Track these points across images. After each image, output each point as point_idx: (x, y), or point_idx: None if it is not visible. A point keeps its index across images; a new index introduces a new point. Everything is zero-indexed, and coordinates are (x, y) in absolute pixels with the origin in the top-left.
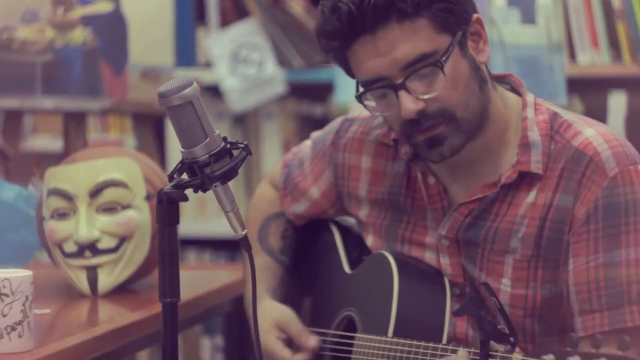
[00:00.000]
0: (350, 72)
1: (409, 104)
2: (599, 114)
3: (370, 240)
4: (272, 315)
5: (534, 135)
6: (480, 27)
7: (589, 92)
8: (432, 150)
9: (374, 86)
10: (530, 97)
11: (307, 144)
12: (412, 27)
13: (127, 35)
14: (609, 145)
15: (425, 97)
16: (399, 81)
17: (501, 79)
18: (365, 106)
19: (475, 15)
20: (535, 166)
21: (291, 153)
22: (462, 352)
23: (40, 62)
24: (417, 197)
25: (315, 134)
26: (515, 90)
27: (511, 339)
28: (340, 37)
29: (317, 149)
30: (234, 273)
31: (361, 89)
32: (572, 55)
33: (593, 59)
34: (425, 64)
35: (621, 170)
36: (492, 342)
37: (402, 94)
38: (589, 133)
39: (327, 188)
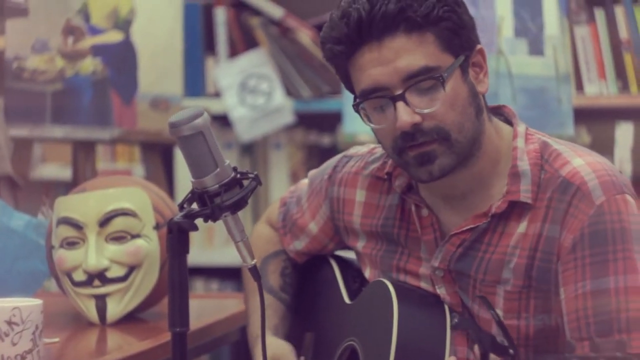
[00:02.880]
0: (348, 82)
1: (405, 116)
2: (606, 144)
3: (367, 272)
4: (270, 350)
5: (524, 164)
6: (482, 58)
7: (596, 123)
8: (422, 168)
9: (373, 96)
10: (521, 127)
11: (305, 182)
12: (418, 40)
13: (136, 65)
14: (596, 174)
15: (425, 111)
16: (399, 92)
17: (496, 110)
18: (361, 116)
19: (478, 46)
20: (525, 195)
21: (289, 192)
22: None
23: (50, 92)
24: (411, 228)
25: (313, 172)
26: (508, 122)
27: (511, 351)
28: (346, 42)
29: (314, 185)
30: (242, 302)
31: (359, 99)
32: (580, 86)
33: (600, 90)
34: (426, 77)
35: (608, 199)
36: (492, 356)
37: (400, 105)
38: (577, 163)
39: (325, 223)
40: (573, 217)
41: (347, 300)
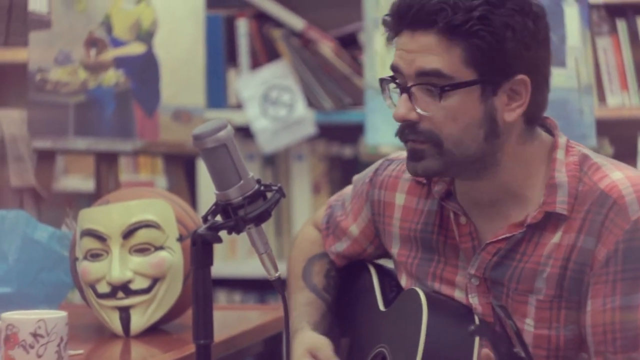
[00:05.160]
0: None
1: (401, 108)
2: (628, 155)
3: (403, 280)
4: (307, 342)
5: (561, 176)
6: (525, 90)
7: (618, 134)
8: (409, 162)
9: (392, 77)
10: (562, 139)
11: (350, 186)
12: (446, 45)
13: (159, 77)
14: (634, 189)
15: (422, 112)
16: (409, 84)
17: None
18: (382, 91)
19: (521, 76)
20: (561, 207)
21: (336, 195)
22: None
23: (73, 103)
24: (449, 235)
25: (357, 176)
26: (549, 132)
27: None
28: (390, 24)
29: (357, 189)
30: (265, 314)
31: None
32: (602, 97)
33: (623, 101)
34: (429, 81)
35: None
36: None
37: (404, 97)
38: (617, 176)
39: (366, 225)
40: (608, 231)
41: (382, 307)
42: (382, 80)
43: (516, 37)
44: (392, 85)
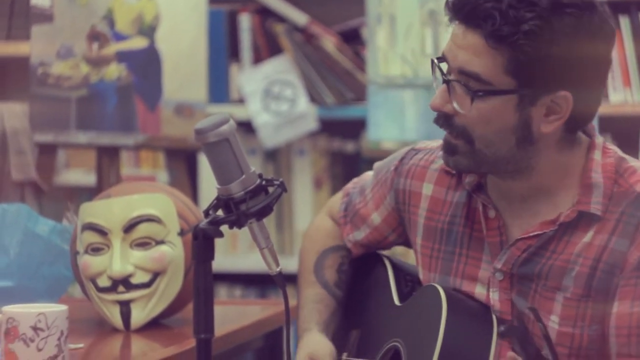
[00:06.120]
0: None
1: (438, 99)
2: (631, 152)
3: (421, 273)
4: (310, 347)
5: (597, 176)
6: (565, 105)
7: (621, 130)
8: (443, 153)
9: (439, 62)
10: (599, 140)
11: (369, 173)
12: (491, 50)
13: (161, 71)
14: None
15: (455, 107)
16: (450, 77)
17: None
18: (433, 70)
19: (563, 93)
20: (595, 207)
21: (352, 183)
22: None
23: (75, 97)
24: (475, 228)
25: (378, 163)
26: (586, 132)
27: None
28: (449, 12)
29: (380, 176)
30: (266, 309)
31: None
32: (604, 94)
33: (625, 98)
34: (467, 82)
35: None
36: None
37: (443, 87)
38: None
39: (389, 213)
40: None
41: (397, 302)
42: (432, 61)
43: (564, 54)
44: (438, 71)
